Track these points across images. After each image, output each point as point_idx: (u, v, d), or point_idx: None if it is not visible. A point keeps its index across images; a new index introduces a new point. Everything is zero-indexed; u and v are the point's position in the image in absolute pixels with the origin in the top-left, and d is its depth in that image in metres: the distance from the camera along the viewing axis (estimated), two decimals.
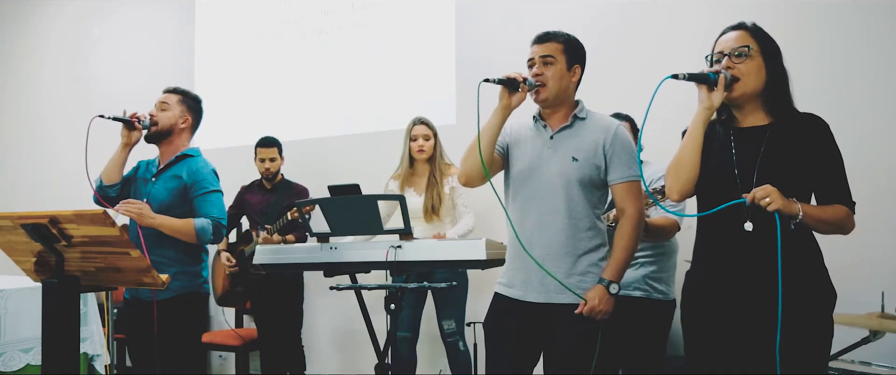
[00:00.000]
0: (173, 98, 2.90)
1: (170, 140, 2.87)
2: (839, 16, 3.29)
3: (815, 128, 1.84)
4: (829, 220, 1.80)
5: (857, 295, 2.74)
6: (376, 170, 4.22)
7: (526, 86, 2.22)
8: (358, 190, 2.93)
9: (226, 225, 2.81)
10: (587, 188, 2.27)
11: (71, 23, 5.87)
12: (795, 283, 1.74)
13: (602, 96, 3.71)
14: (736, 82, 1.85)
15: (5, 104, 6.19)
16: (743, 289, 1.83)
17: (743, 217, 1.78)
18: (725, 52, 1.88)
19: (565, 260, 2.25)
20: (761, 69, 1.86)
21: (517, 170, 2.36)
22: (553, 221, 2.26)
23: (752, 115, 1.91)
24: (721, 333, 1.86)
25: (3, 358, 2.85)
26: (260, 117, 4.81)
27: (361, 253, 2.92)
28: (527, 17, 3.99)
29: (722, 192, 1.82)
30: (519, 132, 2.40)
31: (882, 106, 3.19)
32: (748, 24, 1.91)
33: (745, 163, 1.84)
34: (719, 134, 1.92)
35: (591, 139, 2.28)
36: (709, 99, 1.85)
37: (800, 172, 1.81)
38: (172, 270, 2.64)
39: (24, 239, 1.97)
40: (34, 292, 2.85)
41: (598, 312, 2.19)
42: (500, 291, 2.39)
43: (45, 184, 5.76)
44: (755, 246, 1.79)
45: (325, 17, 4.72)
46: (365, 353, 3.92)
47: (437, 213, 3.53)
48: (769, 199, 1.70)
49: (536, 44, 2.31)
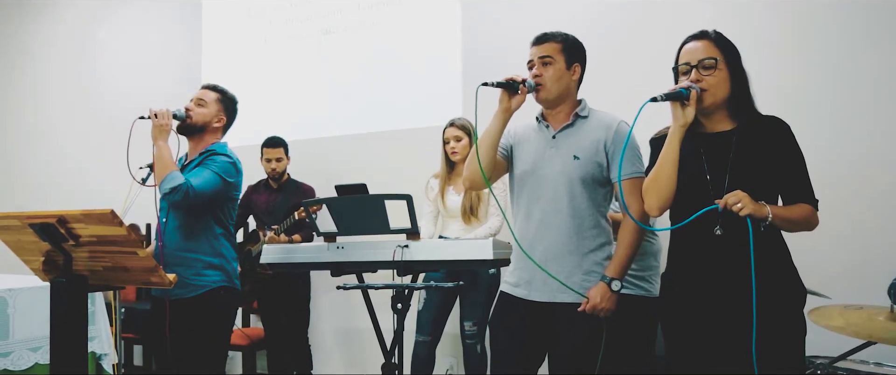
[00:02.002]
0: (211, 95, 2.84)
1: (201, 136, 2.82)
2: (842, 16, 3.27)
3: (778, 131, 1.90)
4: (796, 219, 1.88)
5: (865, 295, 2.73)
6: (383, 169, 4.23)
7: (525, 87, 2.23)
8: (365, 189, 2.93)
9: (194, 194, 2.59)
10: (590, 186, 2.27)
11: (77, 24, 5.88)
12: (766, 283, 1.79)
13: (605, 96, 3.72)
14: (704, 93, 1.90)
15: (13, 104, 6.22)
16: (717, 291, 1.89)
17: (714, 222, 1.85)
18: (692, 63, 1.92)
19: (570, 259, 2.26)
20: (727, 78, 1.91)
21: (520, 171, 2.37)
22: (557, 220, 2.27)
23: (718, 121, 1.96)
24: (698, 334, 1.92)
25: (11, 357, 2.86)
26: (266, 117, 4.82)
27: (368, 253, 2.92)
28: (533, 16, 3.98)
29: (695, 198, 1.88)
30: (522, 133, 2.41)
31: (886, 105, 3.18)
32: (711, 32, 1.95)
33: (716, 168, 1.90)
34: (686, 140, 1.95)
35: (593, 137, 2.28)
36: (683, 116, 1.89)
37: (767, 174, 1.88)
38: (198, 266, 2.63)
39: (33, 238, 1.98)
40: (42, 291, 2.85)
41: (600, 309, 2.19)
42: (505, 290, 2.40)
43: (52, 184, 5.78)
44: (727, 249, 1.86)
45: (332, 16, 4.72)
46: (372, 353, 3.92)
47: (476, 214, 3.50)
48: (741, 205, 1.77)
49: (535, 45, 2.32)
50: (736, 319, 1.82)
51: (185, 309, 2.64)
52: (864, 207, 3.18)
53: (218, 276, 2.70)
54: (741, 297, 1.79)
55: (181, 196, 2.55)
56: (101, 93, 5.65)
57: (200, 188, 2.60)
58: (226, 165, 2.71)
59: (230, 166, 2.73)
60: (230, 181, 2.72)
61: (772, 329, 1.79)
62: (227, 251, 2.77)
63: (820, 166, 2.23)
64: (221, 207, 2.75)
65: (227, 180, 2.70)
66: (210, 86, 2.89)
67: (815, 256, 2.84)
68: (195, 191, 2.58)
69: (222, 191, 2.70)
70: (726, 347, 1.86)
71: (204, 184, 2.62)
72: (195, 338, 2.65)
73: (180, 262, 2.65)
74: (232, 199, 2.81)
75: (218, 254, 2.72)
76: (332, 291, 2.88)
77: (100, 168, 5.38)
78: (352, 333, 4.49)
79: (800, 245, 2.09)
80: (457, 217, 3.53)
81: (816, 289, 2.51)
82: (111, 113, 5.44)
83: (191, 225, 2.69)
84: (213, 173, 2.66)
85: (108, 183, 2.80)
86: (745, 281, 1.77)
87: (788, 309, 1.88)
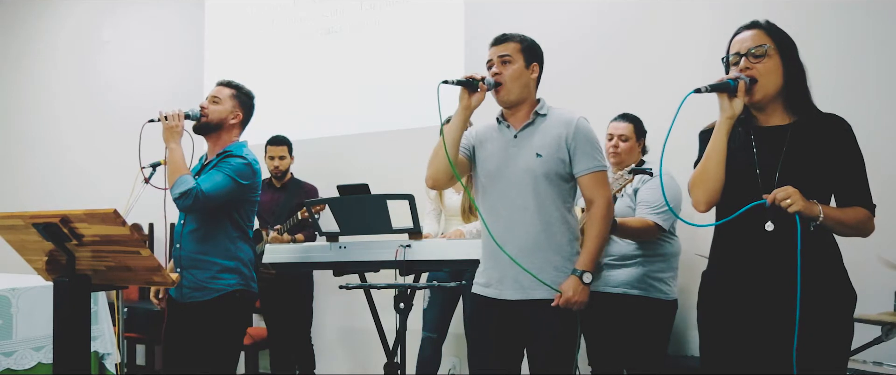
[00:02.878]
0: (226, 92, 2.77)
1: (218, 134, 2.75)
2: (843, 16, 3.27)
3: (837, 129, 1.80)
4: (849, 223, 1.78)
5: (869, 294, 2.72)
6: (386, 169, 4.23)
7: (484, 85, 2.26)
8: (367, 189, 2.94)
9: (204, 198, 2.54)
10: (554, 182, 2.30)
11: (81, 24, 5.90)
12: (815, 284, 1.72)
13: (606, 96, 3.73)
14: (755, 84, 1.81)
15: (17, 105, 6.24)
16: (761, 290, 1.80)
17: (763, 217, 1.74)
18: (742, 52, 1.84)
19: (540, 255, 2.27)
20: (779, 68, 1.83)
21: (484, 172, 2.39)
22: (524, 218, 2.29)
23: (773, 115, 1.87)
24: (737, 333, 1.84)
25: (15, 357, 2.87)
26: (270, 117, 4.80)
27: (371, 253, 2.92)
28: (536, 16, 3.98)
29: (743, 192, 1.79)
30: (483, 133, 2.44)
31: (890, 105, 3.17)
32: (762, 22, 1.88)
33: (767, 162, 1.82)
34: (739, 134, 1.88)
35: (554, 133, 2.31)
36: (731, 107, 1.81)
37: (821, 173, 1.79)
38: (214, 269, 2.61)
39: (36, 238, 1.99)
40: (46, 291, 2.86)
41: (573, 303, 2.22)
42: (476, 291, 2.41)
43: (56, 184, 5.80)
44: (775, 247, 1.77)
45: (335, 16, 4.72)
46: (374, 352, 3.92)
47: (475, 213, 3.52)
48: (790, 201, 1.68)
49: (494, 46, 2.36)
50: (779, 319, 1.74)
51: (200, 313, 2.61)
52: None
53: (234, 280, 2.64)
54: (786, 297, 1.71)
55: (191, 200, 2.51)
56: (105, 93, 5.66)
57: (210, 191, 2.54)
58: (240, 166, 2.64)
59: (244, 167, 2.65)
60: (244, 183, 2.64)
61: (816, 332, 1.71)
62: (244, 254, 2.70)
63: None
64: (238, 209, 2.69)
65: (241, 182, 2.63)
66: (225, 82, 2.82)
67: None
68: (205, 195, 2.53)
69: (236, 194, 2.63)
70: (766, 348, 1.79)
71: (214, 187, 2.56)
72: (210, 342, 2.61)
73: (196, 265, 2.62)
74: (249, 202, 2.74)
75: (234, 258, 2.66)
76: (335, 291, 2.88)
77: (104, 168, 5.40)
78: (354, 333, 4.50)
79: None
80: (457, 216, 3.53)
81: None
82: (115, 113, 5.45)
83: (206, 228, 2.64)
84: (225, 176, 2.60)
85: (112, 182, 2.80)
86: (793, 282, 1.68)
87: (835, 312, 1.78)
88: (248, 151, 2.73)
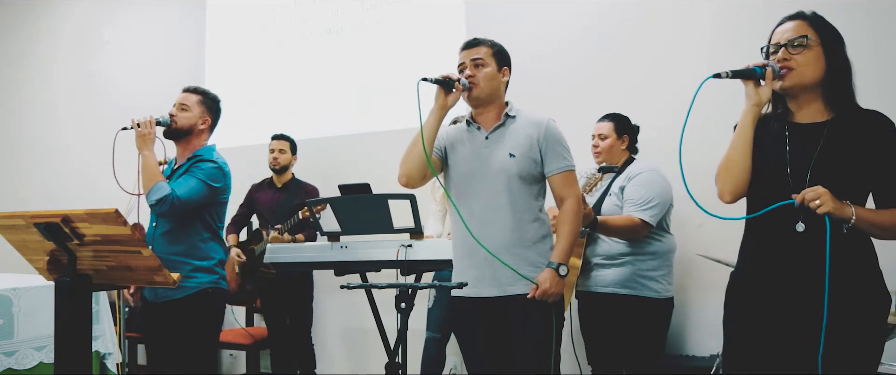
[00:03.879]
0: (193, 98, 2.86)
1: (188, 140, 2.84)
2: (843, 16, 3.24)
3: (878, 126, 1.72)
4: (886, 226, 1.71)
5: None
6: (387, 169, 4.20)
7: (460, 86, 2.34)
8: (368, 189, 2.94)
9: (180, 204, 2.62)
10: (527, 181, 2.36)
11: (81, 24, 5.90)
12: (846, 288, 1.67)
13: (606, 95, 3.72)
14: (788, 72, 1.75)
15: (18, 105, 6.23)
16: (790, 292, 1.74)
17: (794, 217, 1.69)
18: (782, 42, 1.78)
19: (514, 252, 2.33)
20: (820, 59, 1.75)
21: (458, 173, 2.45)
22: (498, 217, 2.35)
23: (810, 110, 1.80)
24: (764, 335, 1.79)
25: (16, 356, 2.87)
26: (271, 116, 4.82)
27: (372, 252, 2.93)
28: (537, 16, 3.98)
29: (772, 190, 1.74)
30: (454, 136, 2.50)
31: (890, 107, 3.15)
32: (807, 13, 1.81)
33: (799, 160, 1.74)
34: (773, 128, 1.81)
35: (525, 134, 2.38)
36: (756, 94, 1.77)
37: (858, 173, 1.72)
38: (186, 269, 2.64)
39: (37, 238, 1.98)
40: (47, 290, 2.86)
41: (550, 294, 2.28)
42: (455, 293, 2.45)
43: (57, 184, 5.80)
44: (806, 248, 1.70)
45: (336, 15, 4.72)
46: (375, 352, 3.92)
47: None
48: (819, 201, 1.62)
49: (466, 49, 2.45)
50: (808, 322, 1.68)
51: (174, 310, 2.68)
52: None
53: (206, 277, 2.73)
54: (816, 300, 1.64)
55: (168, 207, 2.61)
56: (106, 93, 5.66)
57: (186, 197, 2.64)
58: (211, 171, 2.73)
59: (216, 171, 2.75)
60: (216, 186, 2.74)
61: (846, 337, 1.65)
62: (216, 253, 2.79)
63: None
64: (209, 211, 2.78)
65: (213, 186, 2.73)
66: (191, 88, 2.91)
67: None
68: (181, 201, 2.63)
69: (209, 197, 2.73)
70: (793, 351, 1.73)
71: (189, 193, 2.66)
72: (185, 339, 2.68)
73: (168, 265, 2.61)
74: (219, 203, 2.83)
75: (206, 257, 2.75)
76: (336, 290, 2.87)
77: (105, 167, 5.38)
78: (355, 332, 4.50)
79: None
80: None
81: None
82: (116, 113, 5.40)
83: (178, 230, 2.72)
84: (199, 181, 2.69)
85: (113, 182, 2.80)
86: (821, 284, 1.63)
87: (867, 317, 1.71)
88: (218, 155, 2.83)
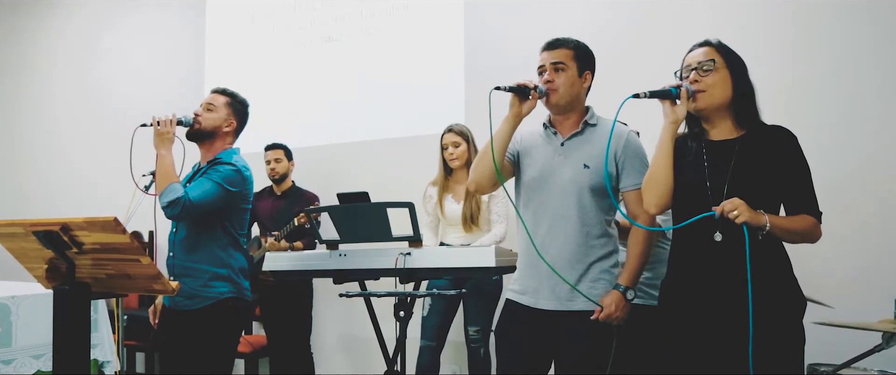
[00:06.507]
0: (221, 100, 2.76)
1: (211, 142, 2.74)
2: (845, 19, 3.27)
3: (783, 141, 1.92)
4: (796, 230, 1.89)
5: (869, 301, 2.72)
6: (386, 177, 4.24)
7: (536, 93, 2.22)
8: (367, 197, 2.94)
9: (192, 207, 2.52)
10: (599, 195, 2.25)
11: (82, 31, 5.91)
12: (764, 291, 1.82)
13: (606, 101, 3.72)
14: (700, 93, 1.94)
15: (18, 112, 6.24)
16: (714, 297, 1.90)
17: (713, 228, 1.87)
18: (692, 66, 1.98)
19: (577, 268, 2.25)
20: (727, 81, 1.95)
21: (529, 178, 2.35)
22: (565, 228, 2.26)
23: (722, 128, 1.99)
24: (696, 339, 1.94)
25: (14, 364, 2.87)
26: (270, 124, 4.82)
27: (370, 261, 2.92)
28: (536, 23, 3.99)
29: (695, 204, 1.91)
30: (529, 140, 2.39)
31: (890, 109, 3.17)
32: (713, 40, 2.01)
33: (717, 176, 1.93)
34: (692, 148, 2.00)
35: (603, 146, 2.24)
36: (673, 112, 1.97)
37: (769, 184, 1.90)
38: (205, 277, 2.59)
39: (36, 245, 1.98)
40: (45, 298, 2.85)
41: (614, 318, 2.19)
42: (511, 297, 2.38)
43: (58, 192, 5.80)
44: (725, 256, 1.87)
45: (335, 24, 4.73)
46: (374, 360, 3.91)
47: (477, 223, 3.47)
48: (737, 212, 1.80)
49: (547, 50, 2.30)
50: (734, 326, 1.83)
51: (193, 321, 2.60)
52: (868, 213, 3.17)
53: (226, 287, 2.62)
54: (739, 304, 1.80)
55: (180, 209, 2.50)
56: (107, 101, 5.67)
57: (198, 200, 2.53)
58: (229, 174, 2.61)
59: (234, 174, 2.63)
60: (233, 190, 2.62)
61: (769, 338, 1.80)
62: (236, 261, 2.68)
63: (823, 171, 2.22)
64: (229, 217, 2.66)
65: (229, 189, 2.60)
66: (220, 89, 2.81)
67: (818, 263, 2.83)
68: (193, 204, 2.52)
69: (225, 201, 2.61)
70: (724, 354, 1.87)
71: (202, 196, 2.54)
72: (204, 351, 2.60)
73: (187, 273, 2.61)
74: (240, 209, 2.71)
75: (225, 265, 2.63)
76: (335, 298, 2.88)
77: (105, 175, 5.39)
78: (354, 340, 4.49)
79: (802, 253, 2.08)
80: (456, 225, 3.51)
81: (819, 298, 2.50)
82: (116, 119, 5.45)
83: (196, 236, 2.63)
84: (214, 183, 2.58)
85: (114, 190, 2.80)
86: (743, 289, 1.79)
87: (786, 317, 1.88)
88: (239, 158, 2.71)
